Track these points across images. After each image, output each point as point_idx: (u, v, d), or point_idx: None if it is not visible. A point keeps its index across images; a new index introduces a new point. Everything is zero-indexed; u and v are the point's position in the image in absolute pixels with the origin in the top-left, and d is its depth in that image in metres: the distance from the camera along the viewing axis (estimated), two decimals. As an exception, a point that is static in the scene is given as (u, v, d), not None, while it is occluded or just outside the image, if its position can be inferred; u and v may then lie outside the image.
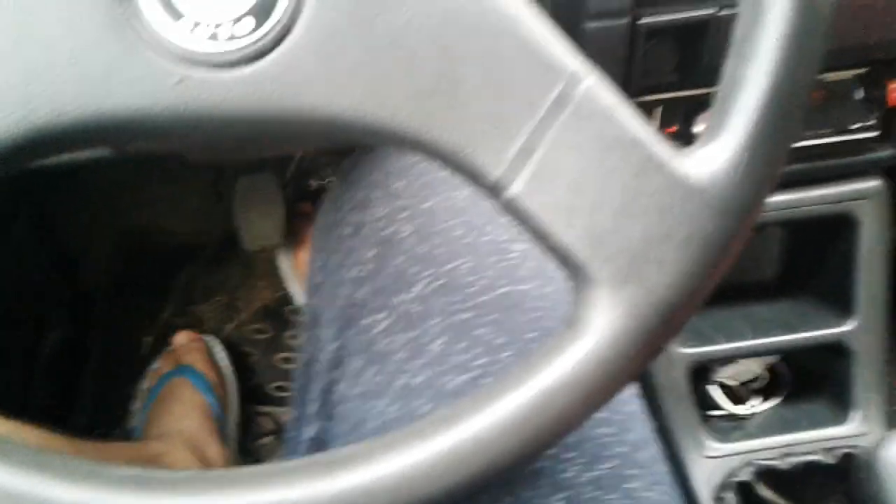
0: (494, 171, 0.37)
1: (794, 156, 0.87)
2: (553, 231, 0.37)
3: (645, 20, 0.72)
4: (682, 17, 0.73)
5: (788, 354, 0.99)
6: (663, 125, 0.83)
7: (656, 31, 0.74)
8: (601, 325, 0.37)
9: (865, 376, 0.92)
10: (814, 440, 0.92)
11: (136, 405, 1.34)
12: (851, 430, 0.91)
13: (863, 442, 0.91)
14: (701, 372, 0.95)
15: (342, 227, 0.60)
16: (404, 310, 0.53)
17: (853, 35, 0.78)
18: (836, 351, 0.94)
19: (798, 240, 0.99)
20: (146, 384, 1.35)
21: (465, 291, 0.52)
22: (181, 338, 1.36)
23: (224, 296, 1.57)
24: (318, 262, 0.61)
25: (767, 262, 1.01)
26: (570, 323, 0.38)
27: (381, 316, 0.54)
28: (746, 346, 0.92)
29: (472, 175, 0.38)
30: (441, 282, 0.53)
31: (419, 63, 0.37)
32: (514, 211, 0.38)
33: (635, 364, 0.37)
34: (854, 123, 0.85)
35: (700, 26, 0.73)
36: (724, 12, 0.72)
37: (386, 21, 0.37)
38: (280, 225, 1.43)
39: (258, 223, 1.43)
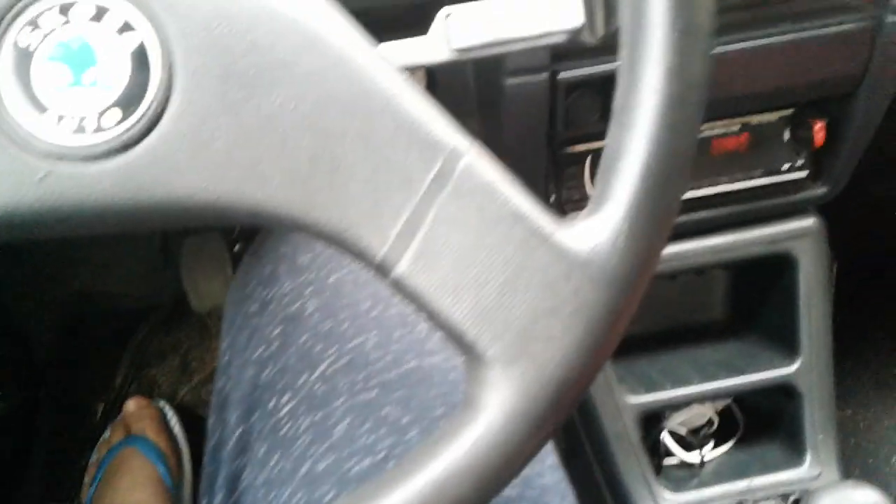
0: (379, 251, 0.36)
1: (727, 199, 0.87)
2: (441, 309, 0.36)
3: (564, 75, 0.72)
4: (600, 71, 0.73)
5: (739, 397, 0.99)
6: (592, 174, 0.83)
7: (577, 84, 0.74)
8: (492, 407, 0.36)
9: (815, 417, 0.91)
10: (768, 485, 0.91)
11: (87, 478, 1.31)
12: (804, 474, 0.90)
13: (817, 484, 0.90)
14: (651, 419, 0.94)
15: (249, 303, 0.58)
16: (308, 391, 0.51)
17: (777, 78, 0.78)
18: (784, 392, 0.93)
19: (741, 281, 0.99)
20: (96, 456, 1.32)
21: (371, 368, 0.51)
22: (131, 405, 1.33)
23: (177, 358, 1.54)
24: (226, 340, 0.60)
25: (714, 304, 1.01)
26: (465, 403, 0.37)
27: (285, 398, 0.52)
28: (695, 391, 0.91)
29: (357, 255, 0.37)
30: (346, 359, 0.51)
31: (294, 145, 0.36)
32: (401, 290, 0.37)
33: (530, 446, 0.36)
34: (783, 164, 0.86)
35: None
36: (642, 63, 0.73)
37: (258, 105, 0.36)
38: (228, 284, 1.41)
39: (206, 284, 1.41)
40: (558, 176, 0.82)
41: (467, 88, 0.73)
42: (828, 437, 0.91)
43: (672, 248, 0.89)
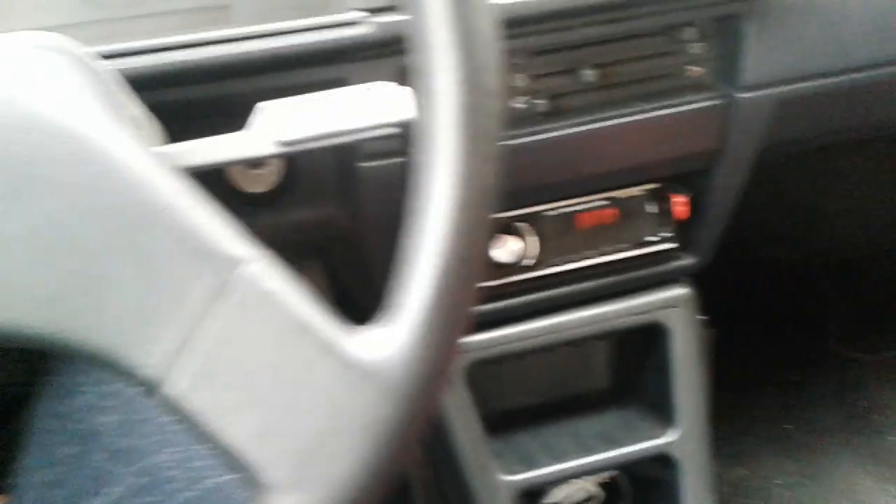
0: (145, 369, 0.34)
1: (599, 271, 0.87)
2: (217, 432, 0.34)
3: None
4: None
5: (625, 468, 0.98)
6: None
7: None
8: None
9: (693, 487, 0.91)
10: (647, 559, 0.90)
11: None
12: (684, 546, 0.90)
13: (696, 556, 0.90)
14: (532, 496, 0.92)
15: (43, 418, 0.54)
16: None
17: (636, 155, 0.79)
18: (663, 462, 0.92)
19: (621, 351, 0.99)
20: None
21: (167, 487, 0.48)
22: None
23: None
24: (20, 460, 0.54)
25: (594, 375, 1.01)
26: None
27: None
28: (572, 465, 0.89)
29: (124, 374, 0.34)
30: (143, 480, 0.48)
31: (54, 261, 0.34)
32: (173, 411, 0.34)
33: None
34: (650, 236, 0.86)
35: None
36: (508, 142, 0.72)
37: (15, 219, 0.33)
38: None
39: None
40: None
41: (328, 173, 0.72)
42: (706, 506, 0.91)
43: (547, 321, 0.88)
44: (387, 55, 0.65)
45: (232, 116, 0.49)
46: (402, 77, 0.54)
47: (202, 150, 0.48)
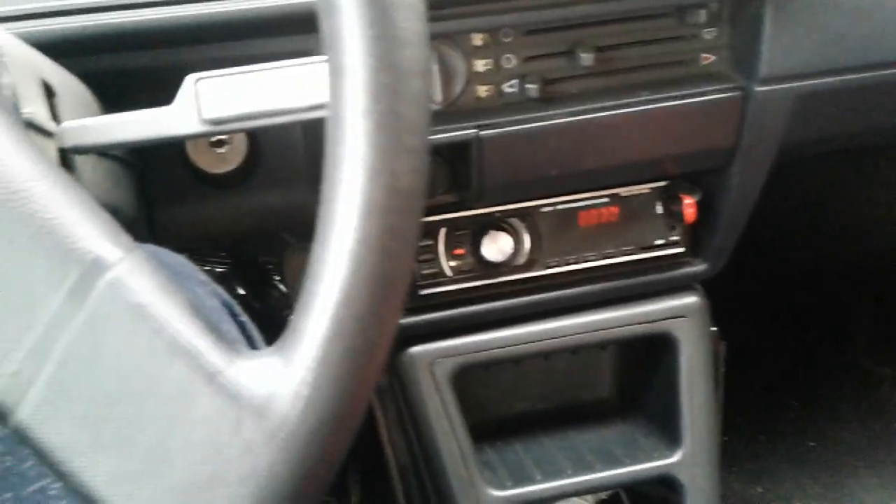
0: None
1: (601, 274, 0.81)
2: (72, 472, 0.28)
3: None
4: (444, 139, 0.67)
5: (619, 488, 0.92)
6: (447, 247, 0.76)
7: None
8: None
9: (697, 511, 0.84)
10: (645, 586, 0.83)
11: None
12: (685, 574, 0.83)
13: (697, 585, 0.83)
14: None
15: None
16: None
17: (642, 150, 0.72)
18: (667, 484, 0.86)
19: (624, 361, 0.93)
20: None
21: None
22: None
23: None
24: None
25: (594, 386, 0.94)
26: None
27: None
28: (566, 484, 0.83)
29: None
30: None
31: None
32: (24, 441, 0.29)
33: None
34: (656, 239, 0.80)
35: (462, 147, 0.67)
36: (484, 133, 0.66)
37: None
38: None
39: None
40: (410, 249, 0.75)
41: (297, 154, 0.66)
42: (711, 533, 0.84)
43: (544, 325, 0.82)
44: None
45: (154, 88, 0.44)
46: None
47: (115, 126, 0.42)
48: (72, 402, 0.28)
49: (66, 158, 0.43)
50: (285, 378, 0.28)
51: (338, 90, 0.29)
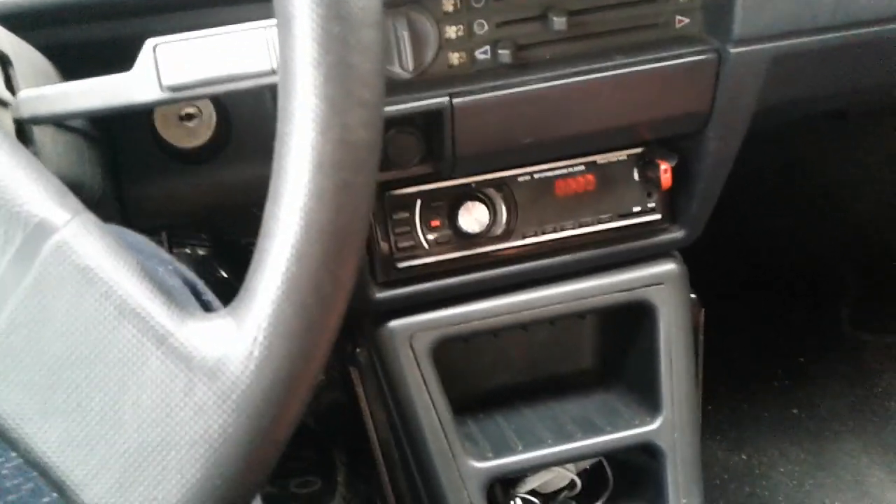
0: None
1: (579, 243, 0.80)
2: (21, 438, 0.27)
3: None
4: (416, 107, 0.66)
5: (601, 457, 0.92)
6: (423, 219, 0.75)
7: (390, 122, 0.66)
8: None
9: (678, 478, 0.84)
10: (628, 554, 0.84)
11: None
12: (668, 540, 0.83)
13: (680, 552, 0.83)
14: (504, 484, 0.86)
15: None
16: None
17: (618, 115, 0.72)
18: (648, 451, 0.86)
19: (604, 331, 0.93)
20: None
21: (9, 499, 0.42)
22: None
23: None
24: None
25: (575, 356, 0.94)
26: None
27: None
28: (548, 453, 0.83)
29: None
30: None
31: None
32: None
33: None
34: (633, 207, 0.79)
35: (435, 116, 0.66)
36: (457, 101, 0.65)
37: None
38: None
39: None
40: (386, 222, 0.74)
41: (268, 127, 0.65)
42: (693, 499, 0.84)
43: (523, 296, 0.81)
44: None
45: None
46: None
47: (73, 94, 0.41)
48: (19, 367, 0.27)
49: (24, 130, 0.42)
50: (238, 339, 0.28)
51: (286, 41, 0.28)
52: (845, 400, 1.41)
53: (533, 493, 0.88)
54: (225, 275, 1.09)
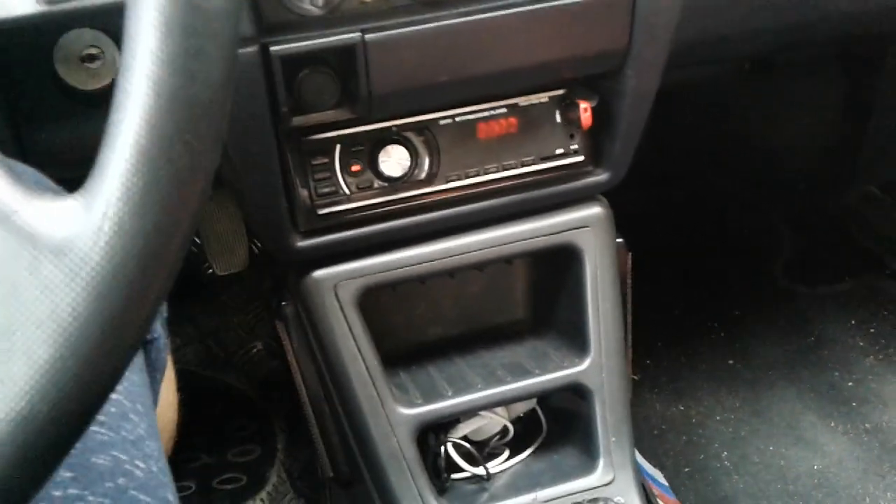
0: None
1: (503, 187, 0.80)
2: None
3: (277, 49, 0.63)
4: (329, 44, 0.64)
5: (543, 400, 0.92)
6: (343, 164, 0.74)
7: (301, 61, 0.65)
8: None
9: (607, 418, 0.85)
10: (561, 495, 0.84)
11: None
12: (596, 481, 0.84)
13: (610, 491, 0.84)
14: (436, 431, 0.86)
15: None
16: None
17: (533, 53, 0.71)
18: (577, 392, 0.87)
19: (534, 278, 0.93)
20: None
21: None
22: None
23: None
24: None
25: (506, 304, 0.94)
26: None
27: None
28: (476, 397, 0.83)
29: None
30: None
31: None
32: None
33: None
34: (556, 149, 0.79)
35: (348, 53, 0.65)
36: (369, 37, 0.64)
37: None
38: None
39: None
40: (305, 168, 0.73)
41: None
42: (622, 439, 0.85)
43: (448, 243, 0.81)
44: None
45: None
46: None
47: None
48: None
49: None
50: (87, 216, 0.27)
51: None
52: (780, 349, 1.44)
53: (465, 440, 0.88)
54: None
